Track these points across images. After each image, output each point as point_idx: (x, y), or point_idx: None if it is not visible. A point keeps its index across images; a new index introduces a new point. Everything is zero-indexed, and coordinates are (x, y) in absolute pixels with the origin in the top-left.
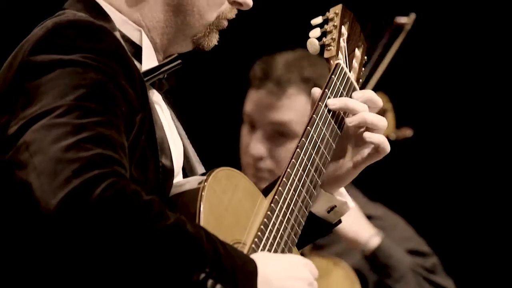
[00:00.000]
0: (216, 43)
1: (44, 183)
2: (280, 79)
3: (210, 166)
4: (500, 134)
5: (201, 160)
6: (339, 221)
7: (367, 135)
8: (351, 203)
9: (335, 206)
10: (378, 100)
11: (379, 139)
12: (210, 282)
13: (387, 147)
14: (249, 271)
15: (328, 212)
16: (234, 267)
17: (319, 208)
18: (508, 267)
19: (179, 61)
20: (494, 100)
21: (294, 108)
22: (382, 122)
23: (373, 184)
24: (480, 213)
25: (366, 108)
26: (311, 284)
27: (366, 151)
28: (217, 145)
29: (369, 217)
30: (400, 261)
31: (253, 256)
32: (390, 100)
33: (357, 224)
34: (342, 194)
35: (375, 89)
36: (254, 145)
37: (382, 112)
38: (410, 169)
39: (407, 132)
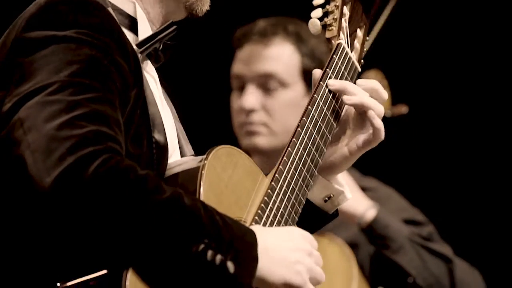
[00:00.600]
0: (208, 8)
1: (38, 161)
2: (264, 30)
3: (200, 146)
4: (496, 111)
5: (191, 140)
6: (337, 213)
7: (371, 114)
8: (348, 194)
9: (332, 195)
10: (383, 92)
11: (378, 124)
12: (210, 252)
13: (382, 134)
14: (248, 242)
15: (325, 201)
16: (233, 237)
17: (316, 195)
18: (501, 237)
19: (174, 27)
20: (490, 76)
21: (280, 57)
22: (379, 108)
23: (368, 161)
24: (477, 192)
25: (366, 94)
26: (311, 255)
27: (361, 137)
28: (208, 125)
29: (364, 189)
30: (397, 231)
31: (252, 227)
32: (385, 77)
33: (352, 197)
34: (340, 184)
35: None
36: (246, 99)
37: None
38: (406, 146)
39: (403, 109)
